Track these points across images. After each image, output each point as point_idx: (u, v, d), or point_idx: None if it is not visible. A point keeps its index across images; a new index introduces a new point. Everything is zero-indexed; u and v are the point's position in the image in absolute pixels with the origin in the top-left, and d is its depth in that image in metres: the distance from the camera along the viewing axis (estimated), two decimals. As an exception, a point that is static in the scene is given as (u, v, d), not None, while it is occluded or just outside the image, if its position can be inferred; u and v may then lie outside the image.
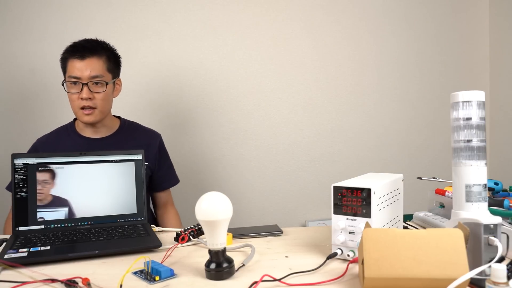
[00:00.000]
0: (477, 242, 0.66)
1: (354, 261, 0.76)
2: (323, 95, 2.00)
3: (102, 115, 1.30)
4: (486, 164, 0.70)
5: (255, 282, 0.67)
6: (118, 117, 1.43)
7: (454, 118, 0.71)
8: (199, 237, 0.96)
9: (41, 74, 1.81)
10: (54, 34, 1.81)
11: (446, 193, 1.01)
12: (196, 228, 0.97)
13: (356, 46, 2.01)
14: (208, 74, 1.91)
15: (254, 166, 1.97)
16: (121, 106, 1.81)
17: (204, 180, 1.93)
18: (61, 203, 1.02)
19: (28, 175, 1.00)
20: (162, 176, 1.43)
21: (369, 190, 0.76)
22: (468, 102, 0.70)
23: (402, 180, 0.96)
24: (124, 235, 0.95)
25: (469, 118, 0.70)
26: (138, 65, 1.87)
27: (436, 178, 1.15)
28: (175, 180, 1.48)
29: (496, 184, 0.99)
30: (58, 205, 1.02)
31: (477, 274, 0.58)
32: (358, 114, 2.03)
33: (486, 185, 0.70)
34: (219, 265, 0.71)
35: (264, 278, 0.69)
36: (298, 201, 2.00)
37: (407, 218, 1.12)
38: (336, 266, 0.77)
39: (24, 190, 0.99)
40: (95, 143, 1.33)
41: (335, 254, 0.79)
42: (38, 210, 1.00)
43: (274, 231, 1.02)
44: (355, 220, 0.77)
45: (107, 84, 1.29)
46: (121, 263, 0.82)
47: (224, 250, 0.72)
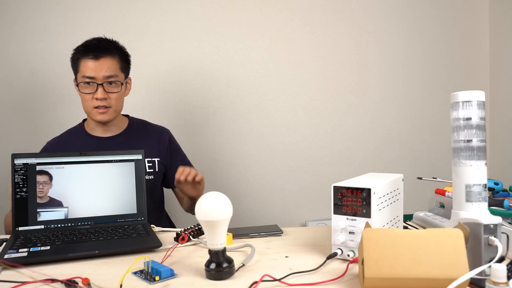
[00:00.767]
0: (477, 242, 0.66)
1: (354, 261, 0.76)
2: (323, 95, 2.00)
3: (115, 114, 1.32)
4: (486, 164, 0.70)
5: (255, 282, 0.67)
6: (126, 115, 1.43)
7: (454, 118, 0.71)
8: (199, 237, 0.96)
9: (40, 74, 1.81)
10: (53, 34, 1.81)
11: (446, 193, 1.01)
12: (196, 228, 0.97)
13: (356, 46, 2.01)
14: (208, 74, 1.91)
15: (254, 166, 1.97)
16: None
17: (204, 180, 1.93)
18: (61, 203, 1.02)
19: (28, 175, 1.00)
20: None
21: (369, 190, 0.76)
22: (468, 102, 0.70)
23: (402, 180, 0.96)
24: (124, 235, 0.95)
25: (469, 118, 0.70)
26: (138, 65, 1.86)
27: (436, 178, 1.15)
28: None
29: (496, 184, 0.99)
30: (58, 205, 1.02)
31: (477, 274, 0.58)
32: (358, 114, 2.03)
33: (486, 185, 0.70)
34: (219, 265, 0.71)
35: (264, 278, 0.69)
36: (298, 201, 2.00)
37: (407, 218, 1.12)
38: (336, 266, 0.77)
39: (24, 190, 0.99)
40: (106, 142, 1.33)
41: (335, 254, 0.79)
42: (38, 210, 1.00)
43: (274, 231, 1.02)
44: (355, 220, 0.77)
45: (122, 84, 1.30)
46: (121, 263, 0.82)
47: (224, 250, 0.72)
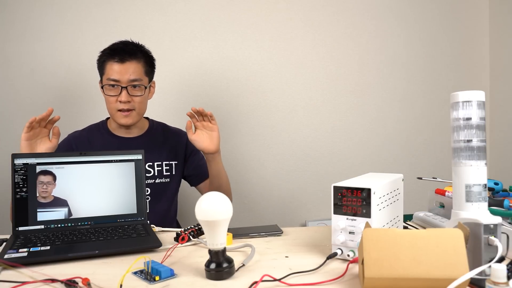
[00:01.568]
0: (477, 242, 0.66)
1: (354, 261, 0.76)
2: (323, 95, 2.00)
3: (139, 117, 1.34)
4: (486, 164, 0.70)
5: (255, 282, 0.67)
6: (146, 117, 1.45)
7: (454, 118, 0.71)
8: (199, 237, 0.96)
9: (41, 74, 1.81)
10: (53, 34, 1.81)
11: (446, 193, 1.01)
12: (196, 228, 0.97)
13: (356, 46, 2.01)
14: (208, 74, 1.91)
15: (254, 166, 1.97)
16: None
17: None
18: (61, 203, 1.02)
19: (28, 175, 1.00)
20: (200, 165, 1.44)
21: (369, 190, 0.76)
22: (468, 102, 0.70)
23: (402, 180, 0.96)
24: (124, 235, 0.95)
25: (469, 118, 0.70)
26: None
27: (436, 178, 1.15)
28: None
29: (496, 184, 1.00)
30: (58, 205, 1.02)
31: (477, 274, 0.58)
32: (358, 114, 2.03)
33: (486, 185, 0.70)
34: (219, 265, 0.71)
35: (264, 278, 0.69)
36: (298, 201, 2.00)
37: (407, 218, 1.12)
38: (336, 266, 0.77)
39: (24, 190, 0.99)
40: (128, 142, 1.35)
41: (335, 254, 0.79)
42: (38, 210, 1.00)
43: (274, 231, 1.02)
44: (355, 220, 0.77)
45: (145, 88, 1.32)
46: (121, 263, 0.82)
47: (224, 250, 0.72)
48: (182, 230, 0.96)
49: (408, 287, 0.60)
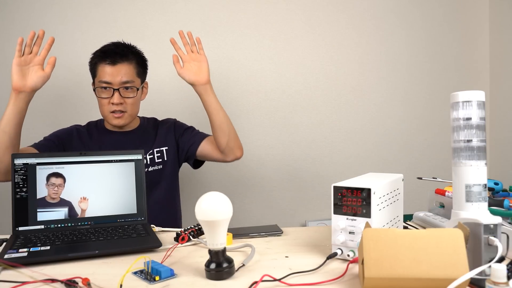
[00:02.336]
0: (477, 242, 0.66)
1: (354, 261, 0.76)
2: (323, 95, 2.00)
3: (131, 119, 1.34)
4: (486, 164, 0.70)
5: (255, 282, 0.67)
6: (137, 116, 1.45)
7: (454, 118, 0.71)
8: (199, 237, 0.96)
9: (41, 74, 1.80)
10: (53, 34, 1.79)
11: (446, 193, 1.01)
12: (196, 228, 0.97)
13: (356, 46, 2.01)
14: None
15: (254, 166, 1.97)
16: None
17: (203, 180, 1.93)
18: (61, 203, 1.02)
19: (28, 175, 1.00)
20: (193, 135, 1.41)
21: (369, 190, 0.76)
22: (468, 102, 0.70)
23: (402, 180, 0.96)
24: (124, 235, 0.95)
25: (469, 118, 0.70)
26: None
27: (436, 178, 1.15)
28: (204, 134, 1.43)
29: (496, 184, 1.00)
30: (58, 205, 1.02)
31: (477, 274, 0.58)
32: (358, 114, 2.03)
33: (486, 185, 0.70)
34: (219, 265, 0.71)
35: (264, 278, 0.69)
36: (298, 201, 2.00)
37: (407, 218, 1.12)
38: (336, 266, 0.77)
39: (24, 190, 0.99)
40: (121, 137, 1.36)
41: (335, 254, 0.79)
42: (38, 210, 1.00)
43: (274, 231, 1.02)
44: (355, 220, 0.77)
45: (137, 89, 1.32)
46: (121, 263, 0.82)
47: (224, 250, 0.72)
48: (182, 230, 0.96)
49: (408, 287, 0.60)
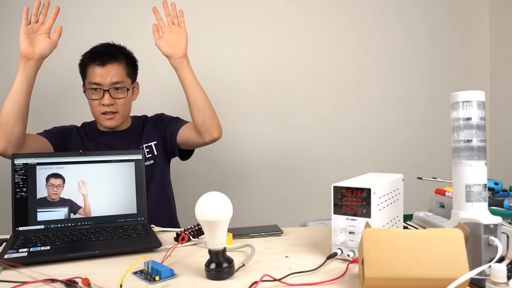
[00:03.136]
0: (477, 242, 0.66)
1: (354, 261, 0.76)
2: (323, 95, 2.00)
3: (123, 119, 1.34)
4: (486, 164, 0.70)
5: (255, 282, 0.67)
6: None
7: (454, 118, 0.71)
8: (199, 237, 0.96)
9: (40, 74, 1.80)
10: (54, 34, 1.80)
11: (446, 193, 1.01)
12: (196, 228, 0.97)
13: (356, 46, 2.01)
14: (208, 74, 1.91)
15: (254, 166, 1.97)
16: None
17: (204, 180, 1.93)
18: (61, 202, 1.02)
19: (28, 175, 1.00)
20: (171, 128, 1.39)
21: (369, 190, 0.76)
22: (468, 102, 0.70)
23: (402, 180, 0.96)
24: (124, 235, 0.95)
25: (469, 118, 0.70)
26: (138, 65, 1.87)
27: (436, 178, 1.15)
28: (185, 121, 1.42)
29: (496, 184, 1.00)
30: (58, 204, 1.02)
31: (477, 274, 0.58)
32: (358, 114, 2.03)
33: (486, 185, 0.70)
34: (219, 265, 0.71)
35: (264, 278, 0.69)
36: (298, 201, 2.00)
37: (407, 218, 1.12)
38: (336, 266, 0.77)
39: (24, 190, 0.99)
40: (113, 136, 1.36)
41: (335, 254, 0.79)
42: (38, 210, 1.00)
43: (274, 231, 1.02)
44: (355, 220, 0.77)
45: (128, 90, 1.31)
46: (121, 263, 0.82)
47: (224, 250, 0.72)
48: (182, 230, 0.96)
49: (408, 287, 0.60)
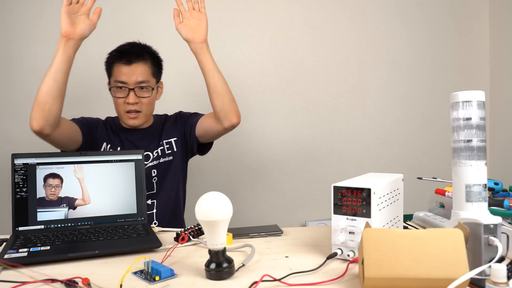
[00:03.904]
0: (477, 242, 0.66)
1: (354, 261, 0.76)
2: (323, 95, 2.00)
3: (146, 119, 1.35)
4: (486, 164, 0.70)
5: (255, 282, 0.67)
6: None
7: (454, 118, 0.71)
8: (199, 237, 0.96)
9: (41, 74, 1.80)
10: (54, 34, 1.80)
11: (446, 193, 1.01)
12: (196, 228, 0.97)
13: (356, 46, 2.01)
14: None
15: (254, 166, 1.97)
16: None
17: (204, 180, 1.93)
18: (59, 202, 1.02)
19: (28, 175, 1.00)
20: (190, 122, 1.40)
21: (369, 190, 0.76)
22: (468, 102, 0.70)
23: (402, 180, 0.96)
24: (124, 235, 0.95)
25: (469, 118, 0.70)
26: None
27: (436, 178, 1.15)
28: (201, 114, 1.43)
29: (496, 184, 0.99)
30: (58, 204, 1.02)
31: (477, 274, 0.58)
32: (358, 114, 2.03)
33: (486, 185, 0.70)
34: (219, 265, 0.71)
35: (264, 278, 0.69)
36: (298, 201, 2.00)
37: (407, 218, 1.12)
38: (336, 266, 0.77)
39: (24, 190, 0.99)
40: (134, 133, 1.37)
41: (335, 254, 0.79)
42: (38, 210, 1.00)
43: (274, 231, 1.02)
44: (355, 220, 0.77)
45: (152, 89, 1.33)
46: (121, 263, 0.82)
47: (224, 250, 0.72)
48: (182, 230, 0.96)
49: (408, 287, 0.60)
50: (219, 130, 1.32)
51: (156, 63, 1.36)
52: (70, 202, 1.03)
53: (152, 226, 1.07)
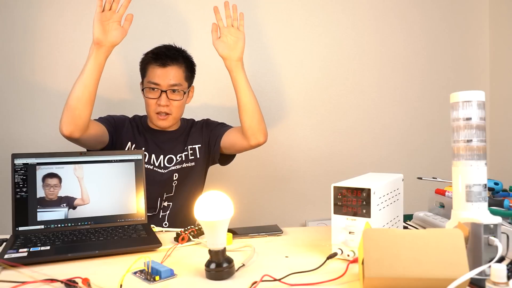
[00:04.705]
0: (477, 242, 0.66)
1: (354, 261, 0.76)
2: (323, 95, 2.00)
3: (174, 121, 1.37)
4: (486, 164, 0.70)
5: (255, 282, 0.67)
6: None
7: (454, 118, 0.71)
8: (199, 237, 0.96)
9: (41, 74, 1.80)
10: (54, 34, 1.80)
11: (446, 193, 1.01)
12: (196, 228, 0.97)
13: (356, 46, 2.01)
14: (208, 74, 1.91)
15: (254, 166, 1.97)
16: (121, 105, 1.81)
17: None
18: (58, 202, 1.02)
19: (28, 175, 1.00)
20: (216, 132, 1.42)
21: (369, 190, 0.76)
22: (468, 102, 0.70)
23: (402, 180, 0.96)
24: (124, 235, 0.95)
25: (469, 118, 0.70)
26: (137, 65, 1.87)
27: (436, 178, 1.15)
28: (231, 126, 1.45)
29: (496, 184, 0.99)
30: (57, 203, 1.02)
31: (477, 274, 0.58)
32: (358, 114, 2.03)
33: (486, 185, 0.70)
34: (219, 265, 0.71)
35: (264, 278, 0.69)
36: (298, 201, 2.00)
37: (407, 218, 1.12)
38: (336, 266, 0.77)
39: (24, 190, 0.99)
40: (162, 134, 1.39)
41: (335, 254, 0.79)
42: (38, 210, 1.00)
43: (274, 231, 1.02)
44: (355, 220, 0.77)
45: (184, 93, 1.34)
46: (121, 263, 0.82)
47: (224, 250, 0.72)
48: (182, 230, 0.96)
49: (408, 287, 0.60)
50: (245, 146, 1.35)
51: (189, 68, 1.37)
52: (70, 202, 1.03)
53: (152, 226, 1.07)
